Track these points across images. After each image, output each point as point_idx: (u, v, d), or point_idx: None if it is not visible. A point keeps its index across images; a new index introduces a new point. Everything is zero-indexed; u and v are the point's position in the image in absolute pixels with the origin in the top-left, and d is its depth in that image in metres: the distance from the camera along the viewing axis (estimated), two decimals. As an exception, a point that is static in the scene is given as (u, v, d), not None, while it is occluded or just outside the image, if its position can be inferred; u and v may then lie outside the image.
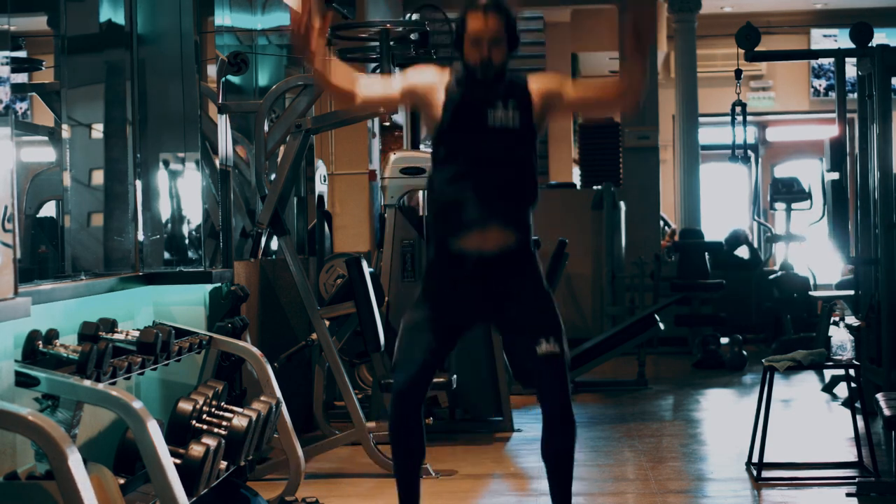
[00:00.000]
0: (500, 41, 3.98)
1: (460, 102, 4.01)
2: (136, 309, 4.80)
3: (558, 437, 4.01)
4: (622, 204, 11.63)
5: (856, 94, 7.52)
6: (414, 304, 4.12)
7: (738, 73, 9.54)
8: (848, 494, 5.19)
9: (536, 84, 4.06)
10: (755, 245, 13.37)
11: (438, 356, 4.07)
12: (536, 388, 4.04)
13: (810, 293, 10.93)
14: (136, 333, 3.98)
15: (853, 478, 5.38)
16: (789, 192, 12.54)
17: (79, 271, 4.69)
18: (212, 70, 6.25)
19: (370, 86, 4.11)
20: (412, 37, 5.94)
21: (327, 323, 6.01)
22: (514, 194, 4.02)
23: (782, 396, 8.13)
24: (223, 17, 7.04)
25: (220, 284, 5.26)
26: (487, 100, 3.99)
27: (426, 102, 4.07)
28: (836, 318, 7.96)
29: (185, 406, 4.10)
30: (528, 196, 4.05)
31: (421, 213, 7.97)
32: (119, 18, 4.90)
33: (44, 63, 5.24)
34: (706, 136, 14.20)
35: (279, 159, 6.12)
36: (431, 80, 4.07)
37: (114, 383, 3.73)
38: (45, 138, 5.15)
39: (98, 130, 4.88)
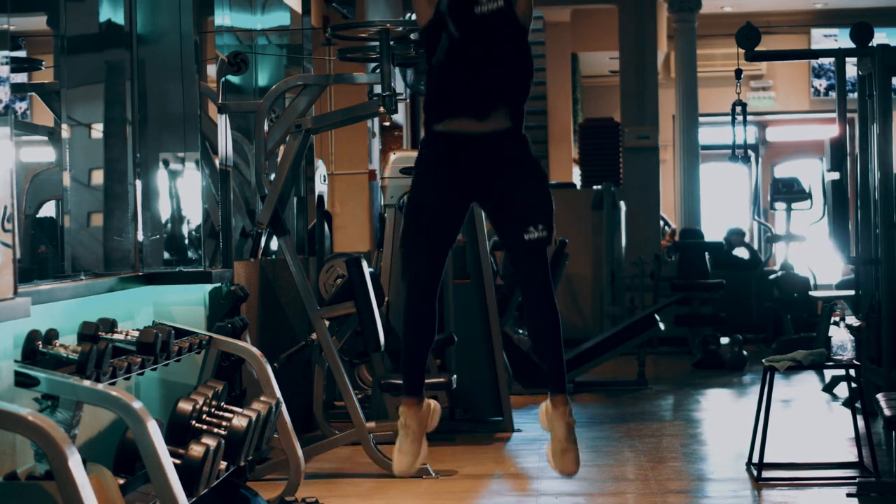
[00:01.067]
0: None
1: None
2: (136, 309, 4.79)
3: (543, 327, 3.98)
4: (622, 204, 11.63)
5: (856, 94, 7.51)
6: (411, 194, 4.06)
7: (738, 72, 9.51)
8: (848, 495, 5.19)
9: None
10: (753, 245, 13.37)
11: (449, 235, 4.04)
12: (519, 275, 4.05)
13: (810, 293, 10.92)
14: (136, 333, 3.98)
15: (853, 478, 5.38)
16: (789, 192, 12.53)
17: (79, 271, 4.69)
18: (212, 70, 6.25)
19: None
20: (412, 37, 5.93)
21: (327, 323, 6.01)
22: (506, 70, 3.99)
23: (782, 396, 8.13)
24: (223, 17, 7.04)
25: (219, 284, 5.26)
26: None
27: None
28: (837, 318, 7.96)
29: (185, 406, 4.10)
30: (521, 72, 4.01)
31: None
32: (119, 18, 4.89)
33: (43, 63, 5.23)
34: (706, 136, 14.20)
35: (279, 159, 6.11)
36: None
37: (114, 383, 3.73)
38: (45, 138, 5.14)
39: (98, 130, 4.88)
